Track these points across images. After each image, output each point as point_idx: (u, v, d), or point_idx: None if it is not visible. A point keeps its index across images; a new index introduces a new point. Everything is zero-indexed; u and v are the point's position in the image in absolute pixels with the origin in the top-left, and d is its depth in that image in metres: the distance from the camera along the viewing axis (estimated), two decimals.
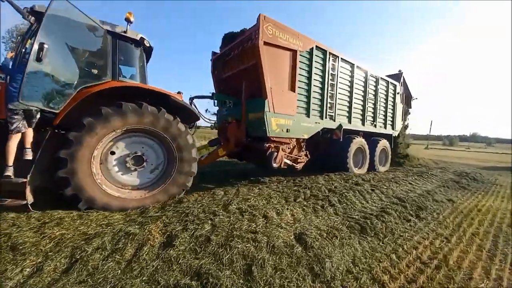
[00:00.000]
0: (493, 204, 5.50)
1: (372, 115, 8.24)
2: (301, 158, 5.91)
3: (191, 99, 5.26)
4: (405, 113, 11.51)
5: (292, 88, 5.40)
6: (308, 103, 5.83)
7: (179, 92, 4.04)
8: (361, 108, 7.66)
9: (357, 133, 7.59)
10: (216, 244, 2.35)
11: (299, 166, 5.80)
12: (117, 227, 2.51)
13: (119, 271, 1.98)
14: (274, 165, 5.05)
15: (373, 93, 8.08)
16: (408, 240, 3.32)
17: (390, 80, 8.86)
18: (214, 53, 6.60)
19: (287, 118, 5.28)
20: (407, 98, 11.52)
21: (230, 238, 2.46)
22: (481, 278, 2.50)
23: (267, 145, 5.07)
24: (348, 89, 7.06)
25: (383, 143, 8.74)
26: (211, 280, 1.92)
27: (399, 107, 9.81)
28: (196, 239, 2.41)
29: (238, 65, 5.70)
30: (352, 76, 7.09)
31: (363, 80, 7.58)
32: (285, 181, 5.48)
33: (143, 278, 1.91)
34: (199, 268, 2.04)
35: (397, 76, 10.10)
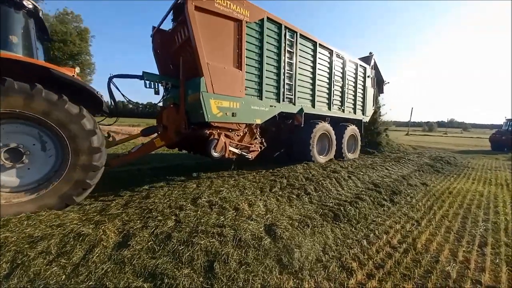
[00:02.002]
0: (463, 186, 5.71)
1: (340, 99, 7.77)
2: (254, 146, 5.18)
3: (110, 78, 4.28)
4: (376, 98, 11.25)
5: (239, 66, 4.60)
6: (260, 83, 5.09)
7: (73, 67, 3.50)
8: (327, 91, 7.11)
9: (323, 118, 7.09)
10: (177, 241, 2.20)
11: (251, 156, 5.06)
12: (69, 228, 2.29)
13: (64, 276, 1.80)
14: (215, 154, 4.29)
15: (340, 75, 7.60)
16: (380, 225, 3.34)
17: (359, 62, 8.45)
18: (154, 28, 5.54)
19: (233, 100, 4.51)
20: (379, 82, 11.17)
21: (194, 234, 2.32)
22: (447, 260, 2.53)
23: (208, 132, 4.32)
24: (311, 70, 6.42)
25: (352, 129, 8.37)
26: (166, 280, 1.79)
27: (370, 91, 9.45)
28: (156, 237, 2.25)
29: (176, 38, 4.97)
30: (314, 56, 6.44)
31: (328, 60, 7.01)
32: (264, 171, 5.39)
33: (90, 283, 1.74)
34: (155, 268, 1.89)
35: (367, 59, 9.66)
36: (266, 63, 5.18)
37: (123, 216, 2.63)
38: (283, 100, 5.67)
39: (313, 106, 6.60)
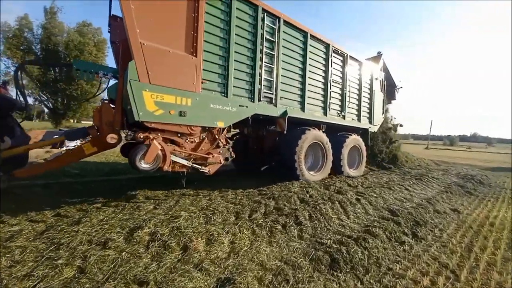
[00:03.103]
0: (506, 215, 4.48)
1: (339, 103, 6.40)
2: (214, 157, 3.87)
3: (20, 66, 3.33)
4: (387, 104, 9.66)
5: (193, 51, 3.47)
6: (225, 77, 3.94)
7: None
8: (321, 92, 5.83)
9: (317, 125, 5.74)
10: None
11: (208, 170, 3.80)
12: None
13: None
14: (143, 166, 3.15)
15: (340, 75, 6.30)
16: (400, 277, 2.30)
17: (364, 61, 7.16)
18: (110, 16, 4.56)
19: (181, 95, 3.36)
20: (390, 88, 9.52)
21: None
22: None
23: (142, 136, 3.24)
24: (300, 65, 5.22)
25: (354, 140, 6.83)
26: None
27: (379, 96, 7.98)
28: None
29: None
30: (304, 49, 5.24)
31: (324, 56, 5.81)
32: (252, 189, 4.41)
33: None
34: None
35: (376, 59, 8.15)
36: (235, 52, 4.04)
37: (17, 252, 1.79)
38: (260, 100, 4.45)
39: (303, 109, 5.34)
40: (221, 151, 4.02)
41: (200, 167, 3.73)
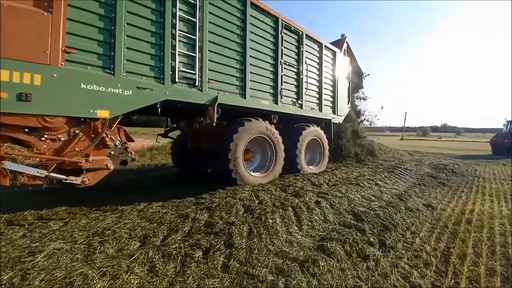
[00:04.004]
0: (482, 208, 4.04)
1: (295, 90, 5.51)
2: (94, 162, 2.78)
3: None
4: (353, 93, 8.88)
5: (48, 5, 2.42)
6: (111, 45, 2.84)
7: None
8: (271, 76, 4.89)
9: (265, 115, 4.87)
10: None
11: (82, 180, 2.72)
12: None
13: None
14: None
15: (294, 56, 5.44)
16: None
17: (324, 42, 6.29)
18: None
19: (23, 68, 2.30)
20: (356, 74, 8.82)
21: None
22: None
23: None
24: (238, 40, 4.22)
25: (314, 132, 5.96)
26: None
27: (343, 83, 7.19)
28: None
29: None
30: (243, 20, 4.26)
31: (272, 32, 4.87)
32: (191, 195, 3.56)
33: None
34: None
35: (339, 43, 7.36)
36: (129, 12, 2.94)
37: None
38: (174, 82, 3.41)
39: (243, 95, 4.36)
40: (112, 152, 2.98)
41: (65, 177, 2.58)
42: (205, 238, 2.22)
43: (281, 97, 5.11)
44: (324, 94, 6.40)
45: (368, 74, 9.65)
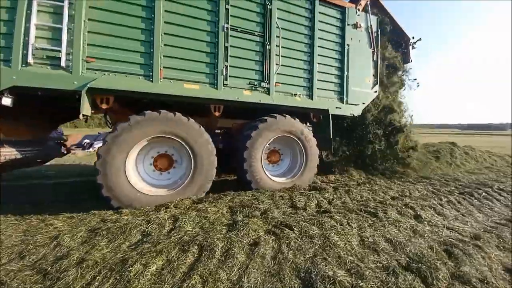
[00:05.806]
0: None
1: (257, 67, 3.93)
2: None
3: None
4: (396, 70, 6.18)
5: None
6: None
7: None
8: (204, 49, 3.52)
9: (199, 106, 3.70)
10: None
11: None
12: None
13: None
14: None
15: (255, 18, 3.85)
16: None
17: None
18: None
19: None
20: (398, 42, 6.10)
21: None
22: None
23: None
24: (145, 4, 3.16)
25: (283, 126, 4.09)
26: None
27: (362, 55, 4.85)
28: None
29: None
30: None
31: None
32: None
33: None
34: None
35: None
36: None
37: None
38: (26, 63, 2.65)
39: (149, 77, 3.21)
40: None
41: None
42: None
43: (227, 79, 3.67)
44: (319, 72, 4.44)
45: (420, 39, 6.10)
